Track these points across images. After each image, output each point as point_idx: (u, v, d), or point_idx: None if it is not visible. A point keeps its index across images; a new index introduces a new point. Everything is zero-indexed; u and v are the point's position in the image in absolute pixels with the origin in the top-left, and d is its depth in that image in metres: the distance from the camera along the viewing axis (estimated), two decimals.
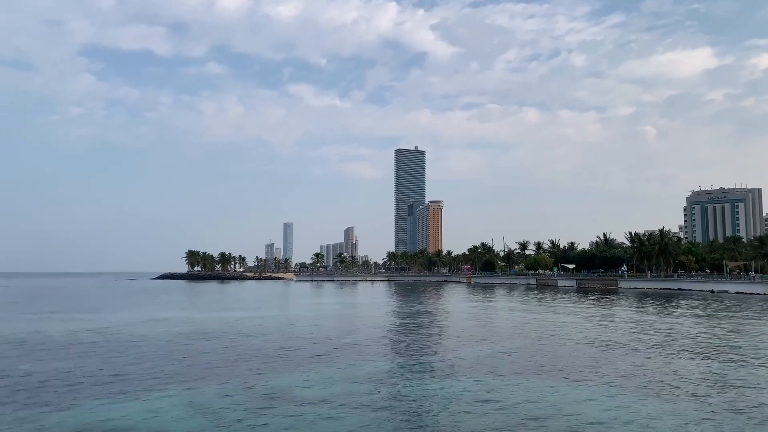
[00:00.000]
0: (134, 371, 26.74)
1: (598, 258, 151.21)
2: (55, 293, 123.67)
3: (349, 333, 43.60)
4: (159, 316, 59.52)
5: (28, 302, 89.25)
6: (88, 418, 18.46)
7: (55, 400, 20.99)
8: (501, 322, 52.36)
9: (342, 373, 26.29)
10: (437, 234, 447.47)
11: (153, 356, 31.36)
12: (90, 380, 24.64)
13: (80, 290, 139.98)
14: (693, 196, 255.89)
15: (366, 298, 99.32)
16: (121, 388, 22.90)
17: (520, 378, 25.00)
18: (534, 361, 29.55)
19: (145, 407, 19.91)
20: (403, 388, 23.35)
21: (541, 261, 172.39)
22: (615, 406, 19.93)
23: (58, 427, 17.48)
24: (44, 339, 39.38)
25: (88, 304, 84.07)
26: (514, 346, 35.16)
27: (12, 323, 51.36)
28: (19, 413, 19.11)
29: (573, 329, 44.84)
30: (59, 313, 64.40)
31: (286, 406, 20.06)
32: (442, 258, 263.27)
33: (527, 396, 21.50)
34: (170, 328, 46.39)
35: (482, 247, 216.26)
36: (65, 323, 50.87)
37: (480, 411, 19.30)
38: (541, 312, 63.72)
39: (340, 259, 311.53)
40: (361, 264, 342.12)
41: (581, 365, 28.25)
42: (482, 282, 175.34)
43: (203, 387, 23.28)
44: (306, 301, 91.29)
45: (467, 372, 26.62)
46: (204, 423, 18.00)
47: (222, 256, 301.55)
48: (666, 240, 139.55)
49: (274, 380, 24.67)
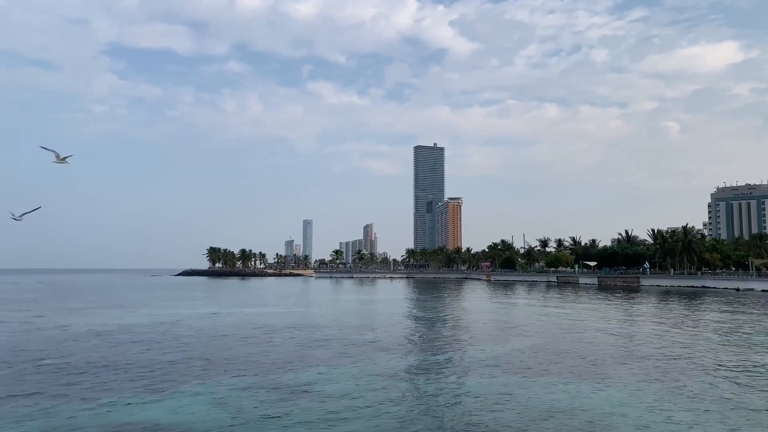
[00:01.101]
0: (157, 366, 27.16)
1: (620, 255, 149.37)
2: (83, 289, 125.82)
3: (368, 329, 43.74)
4: (181, 312, 60.29)
5: (57, 297, 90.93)
6: (114, 413, 18.84)
7: (81, 393, 21.45)
8: (521, 320, 52.07)
9: (362, 369, 26.42)
10: (456, 231, 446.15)
11: (176, 351, 31.83)
12: (115, 375, 25.12)
13: (105, 286, 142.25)
14: (718, 192, 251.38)
15: (385, 295, 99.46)
16: (145, 383, 23.30)
17: (541, 376, 24.89)
18: (554, 359, 29.38)
19: (169, 402, 20.25)
20: (423, 384, 23.41)
21: (561, 258, 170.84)
22: (636, 405, 19.76)
23: (84, 421, 17.85)
24: (72, 333, 40.16)
25: (113, 300, 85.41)
26: (534, 344, 34.98)
27: (42, 319, 52.39)
28: (47, 406, 19.57)
29: (594, 327, 44.44)
30: (87, 309, 65.53)
31: (308, 401, 20.23)
32: (461, 255, 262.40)
33: (548, 394, 21.41)
34: (193, 324, 46.99)
35: (502, 245, 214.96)
36: (92, 318, 51.82)
37: (499, 408, 19.27)
38: (561, 310, 63.24)
39: (359, 255, 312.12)
40: (380, 261, 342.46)
41: (602, 363, 28.03)
42: (502, 279, 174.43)
43: (225, 382, 23.59)
44: (325, 298, 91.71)
45: (487, 369, 26.56)
46: (226, 418, 18.24)
47: (242, 252, 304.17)
48: (690, 237, 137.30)
49: (296, 376, 24.89)
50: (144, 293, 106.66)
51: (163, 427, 17.27)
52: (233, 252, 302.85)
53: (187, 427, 17.33)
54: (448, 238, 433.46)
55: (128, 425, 17.41)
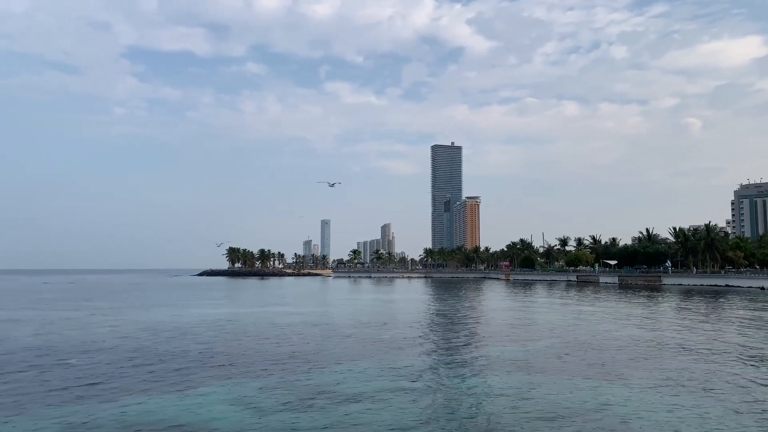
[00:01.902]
0: (179, 365, 27.44)
1: (641, 254, 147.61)
2: (113, 290, 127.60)
3: (387, 329, 43.76)
4: (203, 312, 60.88)
5: (79, 298, 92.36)
6: (135, 411, 19.05)
7: (103, 392, 21.73)
8: (541, 319, 51.71)
9: (381, 369, 26.42)
10: (474, 230, 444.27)
11: (197, 351, 32.14)
12: (136, 373, 25.42)
13: (130, 287, 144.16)
14: (741, 189, 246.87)
15: (403, 295, 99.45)
16: (166, 382, 23.56)
17: (561, 375, 24.68)
18: (575, 359, 29.12)
19: (190, 401, 20.43)
20: (442, 384, 23.36)
21: (581, 257, 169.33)
22: (660, 406, 19.50)
23: (106, 420, 18.06)
24: (92, 334, 40.74)
25: (136, 299, 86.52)
26: (553, 344, 34.71)
27: (65, 320, 53.26)
28: (70, 404, 19.86)
29: (615, 327, 43.99)
30: (113, 308, 66.49)
31: (327, 401, 20.29)
32: (479, 254, 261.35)
33: (568, 393, 21.22)
34: (214, 324, 47.41)
35: (521, 244, 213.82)
36: (116, 318, 52.61)
37: (519, 407, 19.14)
38: (581, 309, 62.69)
39: (376, 255, 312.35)
40: (397, 261, 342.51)
41: (625, 363, 27.72)
42: (521, 279, 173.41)
43: (245, 382, 23.75)
44: (344, 298, 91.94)
45: (507, 368, 26.42)
46: (246, 418, 18.36)
47: (261, 252, 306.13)
48: (712, 235, 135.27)
49: (315, 376, 24.98)
50: (166, 293, 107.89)
51: (184, 426, 17.42)
52: (252, 252, 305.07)
53: (208, 426, 17.47)
54: (466, 237, 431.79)
55: (150, 424, 17.58)
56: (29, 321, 50.56)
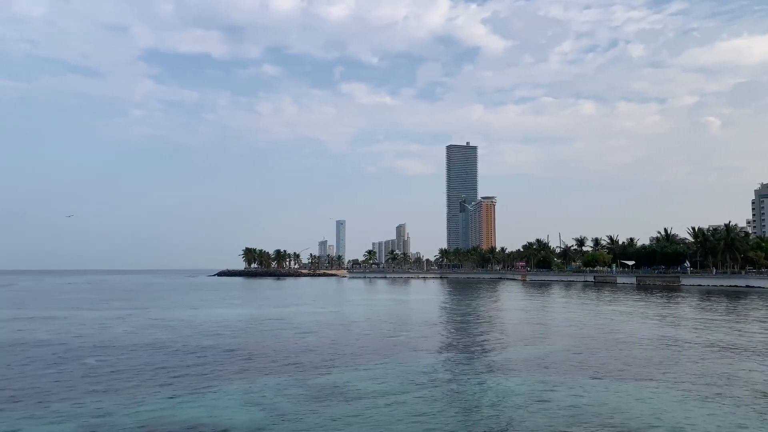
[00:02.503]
0: (196, 365, 27.68)
1: (659, 254, 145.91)
2: (128, 290, 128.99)
3: (402, 329, 43.72)
4: (220, 312, 61.34)
5: (101, 298, 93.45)
6: (152, 411, 19.21)
7: (121, 392, 21.96)
8: (558, 320, 51.34)
9: (396, 369, 26.41)
10: (490, 230, 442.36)
11: (214, 350, 32.38)
12: (154, 373, 25.67)
13: (146, 287, 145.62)
14: (762, 188, 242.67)
15: (419, 295, 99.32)
16: (183, 382, 23.76)
17: (578, 377, 24.49)
18: (592, 360, 28.87)
19: (207, 401, 20.58)
20: (458, 385, 23.28)
21: (598, 257, 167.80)
22: (679, 408, 19.27)
23: (123, 419, 18.25)
24: (112, 334, 41.19)
25: (155, 300, 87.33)
26: (571, 345, 34.44)
27: (87, 319, 53.96)
28: (90, 402, 20.10)
29: (634, 327, 43.54)
30: (134, 308, 67.23)
31: (343, 401, 20.33)
32: (495, 255, 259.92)
33: (586, 395, 21.03)
34: (231, 324, 47.75)
35: (537, 244, 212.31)
36: (135, 318, 53.19)
37: (537, 409, 19.02)
38: (599, 310, 62.15)
39: (392, 256, 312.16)
40: (413, 261, 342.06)
41: (643, 364, 27.43)
42: (538, 279, 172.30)
43: (262, 382, 23.88)
44: (359, 298, 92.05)
45: (522, 369, 26.28)
46: (262, 417, 18.46)
47: (277, 253, 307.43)
48: (732, 235, 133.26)
49: (330, 375, 25.04)
50: (184, 294, 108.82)
51: (201, 425, 17.54)
52: (268, 252, 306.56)
53: (225, 426, 17.57)
54: (481, 237, 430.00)
55: (167, 423, 17.74)
56: (55, 320, 51.32)
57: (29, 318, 54.30)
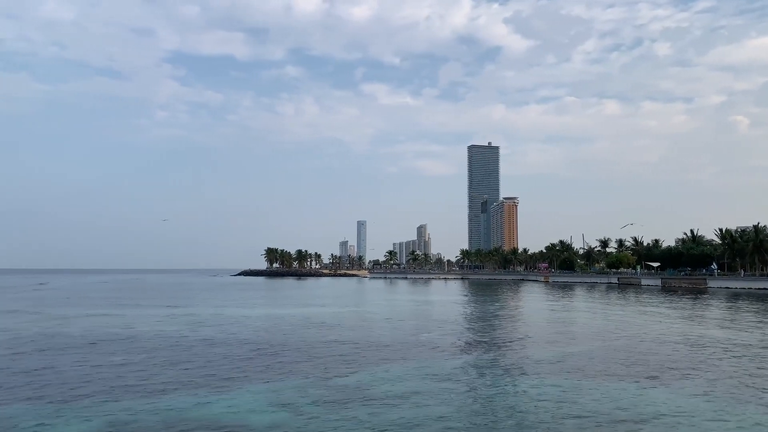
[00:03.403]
0: (217, 364, 27.89)
1: (685, 256, 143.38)
2: (153, 289, 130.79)
3: (423, 330, 43.58)
4: (243, 311, 61.84)
5: (125, 296, 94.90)
6: (174, 409, 19.38)
7: (144, 390, 22.21)
8: (581, 322, 50.72)
9: (418, 370, 26.30)
10: (512, 231, 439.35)
11: (234, 350, 32.62)
12: (176, 372, 25.93)
13: (170, 286, 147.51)
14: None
15: (439, 296, 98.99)
16: (205, 381, 23.93)
17: (602, 380, 24.12)
18: (616, 363, 28.40)
19: (227, 400, 20.68)
20: (479, 387, 23.11)
21: (623, 259, 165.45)
22: (703, 412, 18.86)
23: (146, 417, 18.43)
24: (137, 332, 41.77)
25: (179, 299, 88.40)
26: (594, 347, 33.99)
27: (109, 318, 54.82)
28: (110, 401, 20.35)
29: (659, 330, 42.80)
30: (154, 306, 68.20)
31: (364, 402, 20.29)
32: (517, 256, 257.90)
33: (609, 399, 20.69)
34: (253, 323, 48.11)
35: (560, 245, 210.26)
36: (157, 317, 53.88)
37: (560, 413, 18.76)
38: (623, 312, 61.26)
39: (413, 256, 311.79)
40: (434, 262, 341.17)
41: (668, 368, 26.92)
42: (560, 281, 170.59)
43: (283, 381, 23.97)
44: (380, 298, 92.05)
45: (546, 372, 25.97)
46: (284, 417, 18.50)
47: (299, 253, 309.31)
48: (761, 236, 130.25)
49: (351, 376, 25.04)
50: (207, 293, 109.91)
51: (223, 424, 17.64)
52: (290, 252, 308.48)
53: (246, 425, 17.65)
54: (503, 238, 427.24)
55: (189, 422, 17.86)
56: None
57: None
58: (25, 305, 71.82)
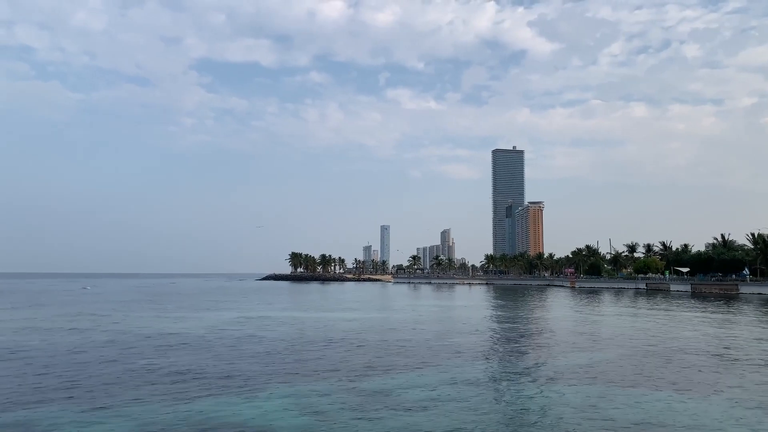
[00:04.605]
0: (242, 368, 28.14)
1: (716, 261, 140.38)
2: (181, 293, 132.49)
3: (448, 336, 43.38)
4: (268, 315, 62.30)
5: (149, 301, 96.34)
6: (200, 412, 19.60)
7: (170, 393, 22.51)
8: (608, 328, 49.93)
9: (444, 376, 26.21)
10: (538, 236, 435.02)
11: (260, 354, 32.89)
12: (201, 375, 26.20)
13: (198, 290, 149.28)
14: None
15: (464, 301, 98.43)
16: (230, 384, 24.18)
17: (629, 386, 23.72)
18: (644, 370, 27.91)
19: (253, 404, 20.87)
20: (505, 393, 22.92)
21: (651, 264, 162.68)
22: (734, 422, 18.42)
23: (172, 420, 18.69)
24: (164, 336, 42.37)
25: (206, 303, 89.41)
26: (622, 354, 33.44)
27: (137, 321, 55.69)
28: (136, 403, 20.68)
29: (688, 337, 41.94)
30: (182, 310, 69.10)
31: (388, 407, 20.28)
32: (543, 261, 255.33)
33: (636, 406, 20.35)
34: (279, 327, 48.44)
35: (587, 250, 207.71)
36: (185, 321, 54.61)
37: (586, 419, 18.51)
38: (652, 318, 60.15)
39: (436, 261, 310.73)
40: (458, 266, 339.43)
41: (698, 376, 26.39)
42: (587, 286, 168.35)
43: (307, 386, 24.07)
44: (404, 303, 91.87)
45: (572, 378, 25.64)
46: (308, 422, 18.58)
47: (323, 258, 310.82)
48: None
49: (376, 381, 25.04)
50: (234, 297, 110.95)
51: (248, 428, 17.82)
52: (314, 257, 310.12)
53: (272, 429, 17.81)
54: (528, 243, 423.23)
55: (215, 425, 18.06)
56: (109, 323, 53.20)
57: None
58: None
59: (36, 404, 20.72)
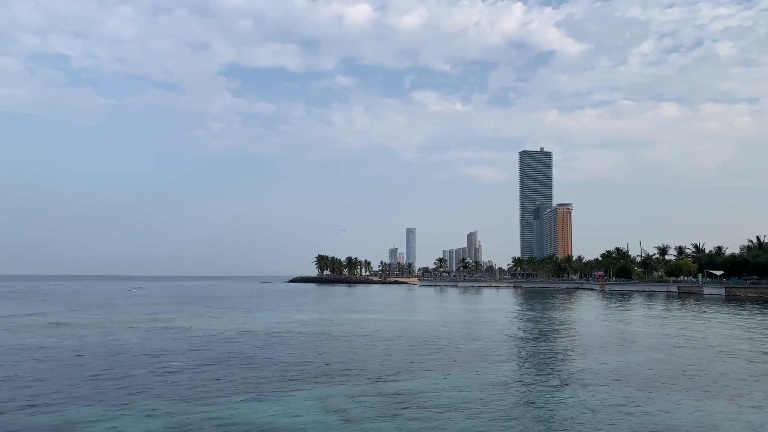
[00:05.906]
0: (269, 370, 28.38)
1: (751, 263, 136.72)
2: (210, 296, 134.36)
3: (475, 339, 43.15)
4: (295, 317, 62.82)
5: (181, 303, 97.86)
6: (226, 414, 19.71)
7: (196, 394, 22.79)
8: (639, 332, 49.05)
9: (470, 379, 26.08)
10: (566, 238, 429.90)
11: (286, 356, 33.14)
12: (228, 377, 26.49)
13: (226, 293, 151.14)
14: None
15: (491, 305, 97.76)
16: (257, 387, 24.37)
17: (660, 392, 23.26)
18: (676, 375, 27.35)
19: (279, 406, 20.98)
20: (533, 397, 22.71)
21: (683, 267, 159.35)
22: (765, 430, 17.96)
23: (199, 420, 18.88)
24: (190, 336, 43.01)
25: (235, 305, 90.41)
26: (653, 358, 32.82)
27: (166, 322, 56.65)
28: (164, 406, 20.94)
29: (722, 341, 40.97)
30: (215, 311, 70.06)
31: (416, 410, 20.23)
32: (572, 264, 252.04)
33: (668, 411, 19.95)
34: (305, 329, 48.76)
35: (617, 252, 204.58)
36: (210, 322, 55.36)
37: (615, 424, 18.20)
38: (684, 322, 58.91)
39: (463, 264, 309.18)
40: (484, 269, 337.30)
41: (731, 381, 25.75)
42: (617, 289, 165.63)
43: (334, 388, 24.17)
44: (430, 306, 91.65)
45: (602, 382, 25.25)
46: (335, 424, 18.62)
47: (349, 260, 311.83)
48: None
49: (403, 384, 25.03)
50: (261, 299, 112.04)
51: (274, 430, 17.97)
52: (340, 260, 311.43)
53: (298, 431, 17.93)
54: (557, 246, 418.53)
55: (241, 426, 18.19)
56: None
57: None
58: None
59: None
